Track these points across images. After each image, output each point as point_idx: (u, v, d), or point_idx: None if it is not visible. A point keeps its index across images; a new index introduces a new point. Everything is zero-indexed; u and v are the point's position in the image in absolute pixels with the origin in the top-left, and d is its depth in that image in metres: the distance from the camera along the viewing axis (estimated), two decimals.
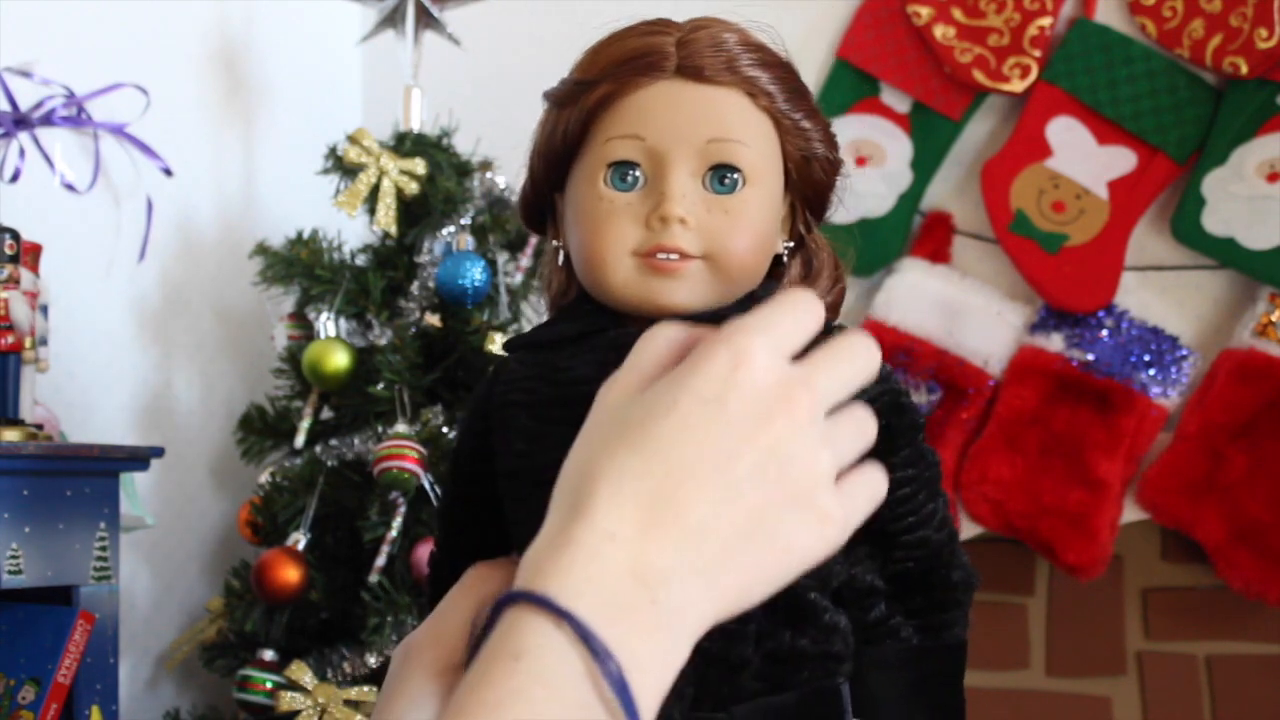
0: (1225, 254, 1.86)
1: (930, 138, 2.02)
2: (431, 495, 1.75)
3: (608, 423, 0.55)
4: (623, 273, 0.75)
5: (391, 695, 0.76)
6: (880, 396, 0.75)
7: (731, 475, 0.53)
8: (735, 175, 0.75)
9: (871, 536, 0.75)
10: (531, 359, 0.78)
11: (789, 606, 0.71)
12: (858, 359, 0.57)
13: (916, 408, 0.78)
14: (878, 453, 0.75)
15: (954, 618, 0.77)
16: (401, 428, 1.77)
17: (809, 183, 0.80)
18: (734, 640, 0.70)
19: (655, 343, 0.58)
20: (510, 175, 1.98)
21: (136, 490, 1.93)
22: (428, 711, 0.75)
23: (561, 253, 0.80)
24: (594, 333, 0.77)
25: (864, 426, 0.58)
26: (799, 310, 0.57)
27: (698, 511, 0.52)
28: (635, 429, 0.54)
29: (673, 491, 0.52)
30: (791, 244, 0.81)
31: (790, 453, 0.54)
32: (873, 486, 0.58)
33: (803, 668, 0.71)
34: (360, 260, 1.98)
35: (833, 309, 0.81)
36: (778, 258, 0.80)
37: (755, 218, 0.76)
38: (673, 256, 0.74)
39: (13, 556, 1.49)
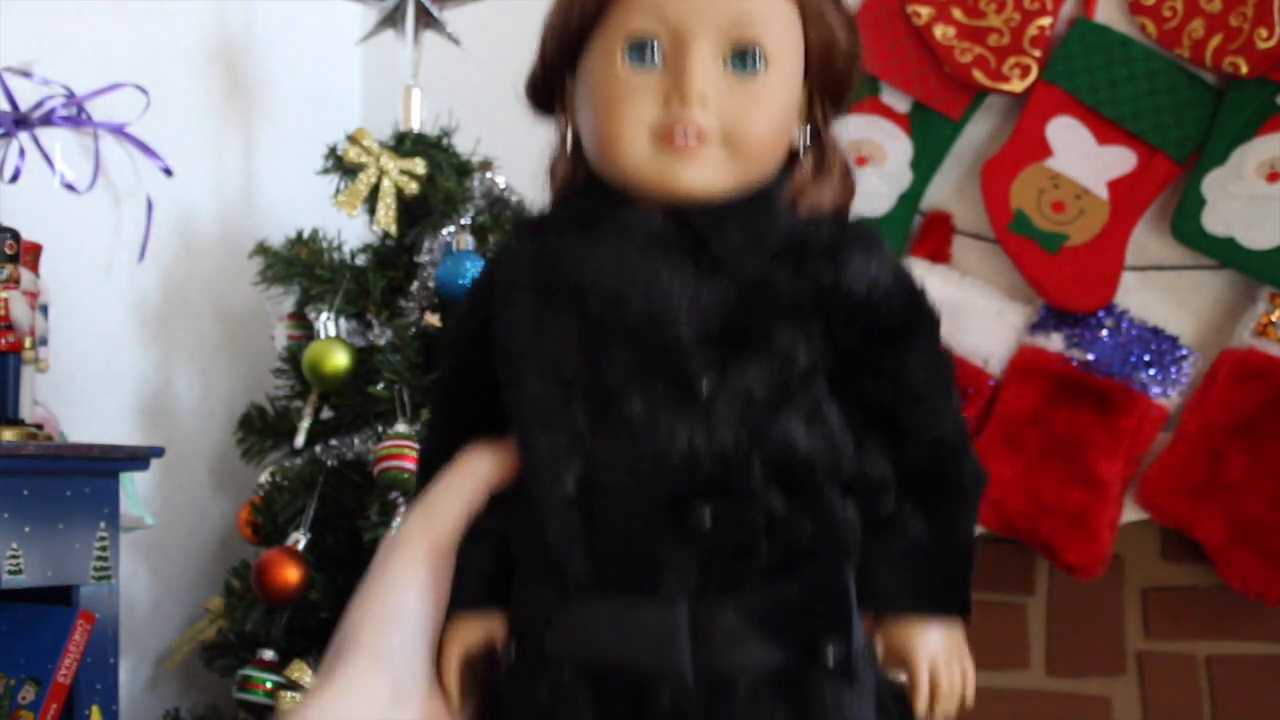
0: (1225, 254, 1.86)
1: (930, 137, 2.02)
2: None
3: None
4: (638, 152, 0.73)
5: (375, 579, 0.73)
6: (899, 293, 0.75)
7: None
8: (757, 57, 0.74)
9: (885, 431, 0.74)
10: (538, 242, 0.76)
11: (800, 496, 0.70)
12: None
13: (934, 305, 0.77)
14: (898, 348, 0.74)
15: (963, 515, 0.77)
16: (401, 428, 1.77)
17: (829, 72, 0.78)
18: (742, 528, 0.69)
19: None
20: (510, 175, 1.98)
21: (136, 490, 1.93)
22: (411, 595, 0.72)
23: (570, 136, 0.78)
24: (604, 216, 0.74)
25: None
26: None
27: None
28: None
29: None
30: (808, 135, 0.79)
31: None
32: None
33: (811, 558, 0.70)
34: (360, 260, 1.98)
35: (844, 208, 0.79)
36: (795, 151, 0.78)
37: (775, 102, 0.74)
38: (691, 137, 0.72)
39: (13, 556, 1.49)
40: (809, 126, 0.79)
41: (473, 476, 0.75)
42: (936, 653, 0.73)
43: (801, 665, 0.68)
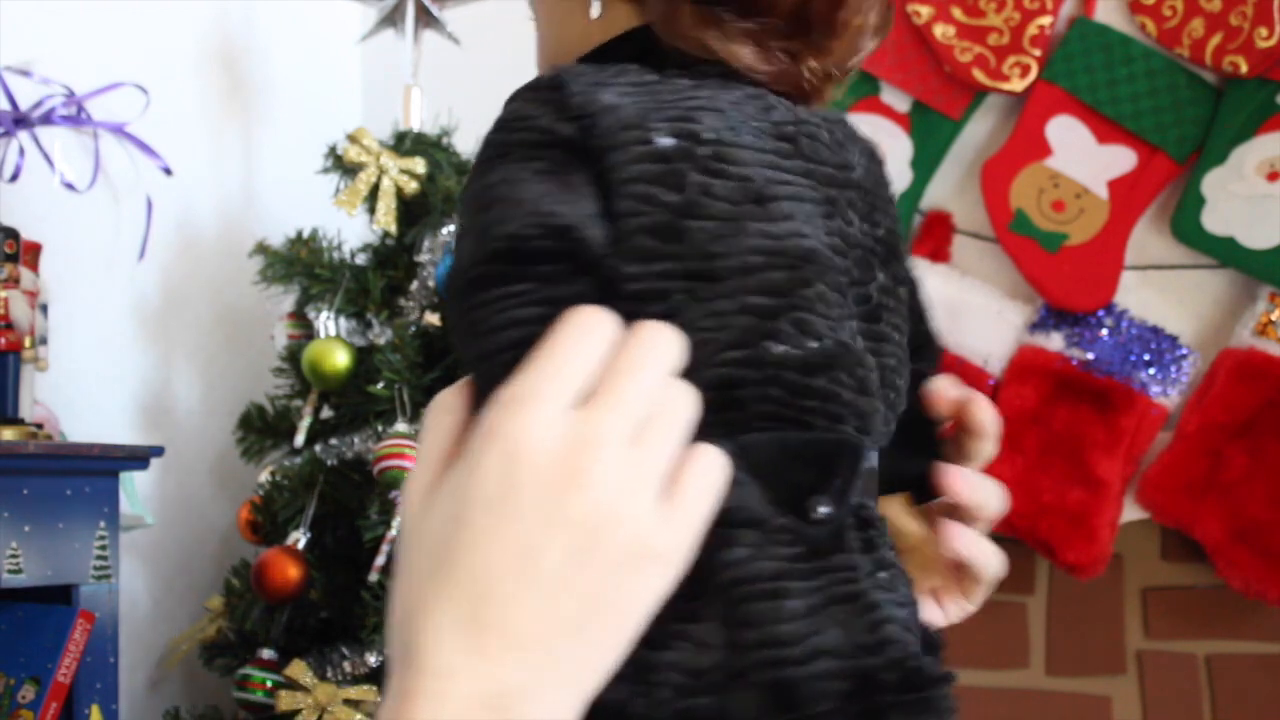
0: (1225, 253, 1.86)
1: (930, 137, 2.02)
2: None
3: (412, 545, 0.53)
4: None
5: None
6: None
7: (542, 569, 0.50)
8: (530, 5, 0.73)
9: None
10: None
11: None
12: (651, 359, 0.53)
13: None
14: None
15: None
16: (401, 427, 1.77)
17: None
18: None
19: (434, 425, 0.55)
20: None
21: (136, 490, 1.93)
22: None
23: None
24: None
25: (677, 409, 0.53)
26: (564, 348, 0.53)
27: (520, 619, 0.50)
28: (434, 552, 0.52)
29: (490, 608, 0.50)
30: None
31: (599, 519, 0.50)
32: (709, 475, 0.54)
33: None
34: (360, 259, 1.98)
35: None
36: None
37: (536, 37, 0.71)
38: None
39: (13, 556, 1.49)
40: None
41: None
42: None
43: None
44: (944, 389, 0.68)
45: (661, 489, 0.52)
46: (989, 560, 0.72)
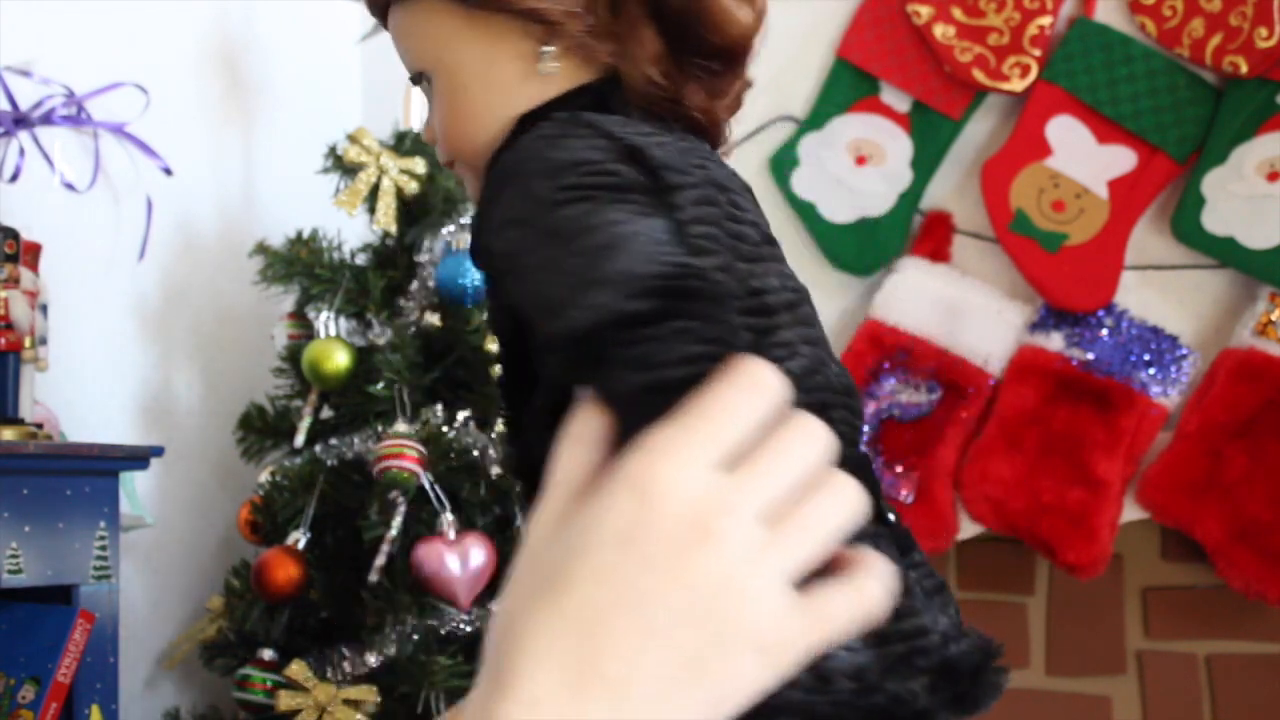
0: (1225, 253, 1.86)
1: (930, 137, 2.02)
2: (431, 494, 1.75)
3: (528, 569, 0.52)
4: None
5: None
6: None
7: (651, 619, 0.49)
8: (425, 80, 0.77)
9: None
10: None
11: None
12: (807, 442, 0.51)
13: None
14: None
15: None
16: (401, 427, 1.77)
17: None
18: None
19: (568, 456, 0.53)
20: None
21: (136, 490, 1.93)
22: None
23: None
24: None
25: (832, 508, 0.51)
26: (727, 404, 0.51)
27: (619, 663, 0.49)
28: (550, 580, 0.51)
29: (591, 645, 0.49)
30: (550, 47, 0.72)
31: (719, 586, 0.49)
32: (861, 591, 0.51)
33: None
34: (360, 259, 1.98)
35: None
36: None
37: (452, 102, 0.76)
38: (454, 168, 0.79)
39: (13, 556, 1.49)
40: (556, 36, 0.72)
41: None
42: None
43: None
44: None
45: (794, 580, 0.50)
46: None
